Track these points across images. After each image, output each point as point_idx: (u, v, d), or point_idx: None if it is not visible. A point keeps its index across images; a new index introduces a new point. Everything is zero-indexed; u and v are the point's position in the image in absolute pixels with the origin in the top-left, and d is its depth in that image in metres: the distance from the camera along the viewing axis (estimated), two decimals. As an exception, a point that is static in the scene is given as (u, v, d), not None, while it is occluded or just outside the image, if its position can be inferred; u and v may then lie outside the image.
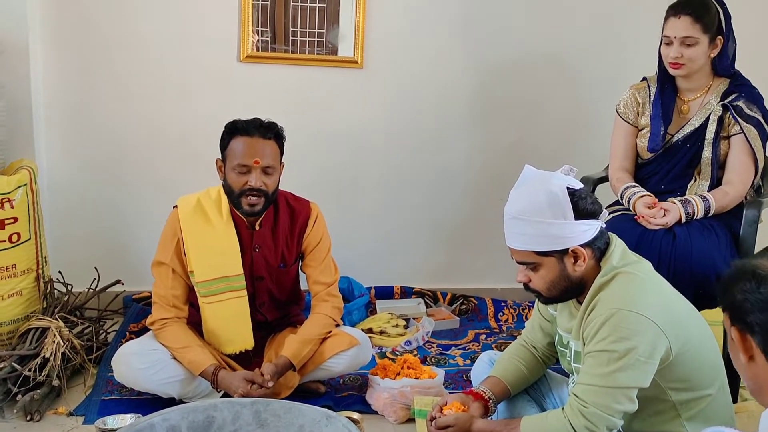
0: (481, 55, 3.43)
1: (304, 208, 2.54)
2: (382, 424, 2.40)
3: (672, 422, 1.82)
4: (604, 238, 1.85)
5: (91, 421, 2.30)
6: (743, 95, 2.59)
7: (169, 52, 3.20)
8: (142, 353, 2.35)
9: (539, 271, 1.85)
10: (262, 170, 2.36)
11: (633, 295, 1.76)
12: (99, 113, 3.21)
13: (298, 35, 3.28)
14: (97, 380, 2.60)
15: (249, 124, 2.39)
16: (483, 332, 3.28)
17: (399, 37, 3.35)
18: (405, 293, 3.51)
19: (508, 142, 3.51)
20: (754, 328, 1.21)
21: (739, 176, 2.59)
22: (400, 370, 2.51)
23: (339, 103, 3.37)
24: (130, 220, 3.31)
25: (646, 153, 2.71)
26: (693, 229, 2.51)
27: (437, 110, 3.45)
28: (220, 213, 2.45)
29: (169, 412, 1.89)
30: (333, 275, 2.57)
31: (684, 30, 2.53)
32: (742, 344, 1.24)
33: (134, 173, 3.28)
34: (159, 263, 2.46)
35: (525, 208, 1.80)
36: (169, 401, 2.32)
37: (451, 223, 3.58)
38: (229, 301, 2.43)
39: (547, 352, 2.13)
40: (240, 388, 2.25)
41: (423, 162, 3.49)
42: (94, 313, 3.02)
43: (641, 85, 2.78)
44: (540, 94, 3.50)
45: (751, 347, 1.23)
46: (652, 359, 1.72)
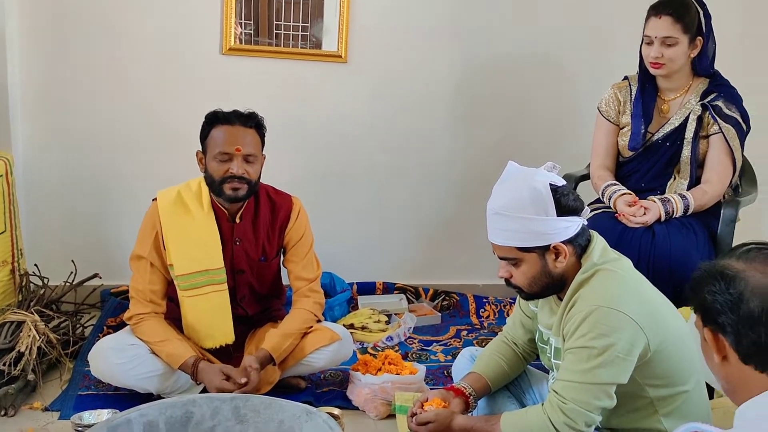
0: (467, 52, 3.43)
1: (285, 202, 2.53)
2: (362, 420, 2.39)
3: (649, 418, 1.84)
4: (585, 235, 1.86)
5: (66, 416, 2.27)
6: (722, 95, 2.61)
7: (150, 43, 3.17)
8: (120, 348, 2.32)
9: (521, 267, 1.85)
10: (244, 158, 2.34)
11: (612, 292, 1.77)
12: (77, 105, 3.17)
13: (282, 28, 3.26)
14: (73, 375, 2.57)
15: (229, 113, 2.38)
16: (464, 328, 3.29)
17: (384, 31, 3.35)
18: (387, 289, 3.51)
19: (492, 140, 3.52)
20: (726, 328, 1.22)
21: (717, 175, 2.62)
22: (381, 365, 2.51)
23: (322, 97, 3.36)
24: (109, 213, 3.28)
25: (627, 151, 2.73)
26: (672, 227, 2.53)
27: (422, 106, 3.45)
28: (200, 205, 2.43)
29: (146, 408, 1.87)
30: (315, 271, 2.56)
31: (664, 30, 2.55)
32: (715, 344, 1.25)
33: (113, 166, 3.24)
34: (137, 257, 2.43)
35: (508, 203, 1.81)
36: (147, 397, 2.30)
37: (434, 219, 3.58)
38: (209, 294, 2.41)
39: (527, 348, 2.14)
40: (215, 381, 2.24)
41: (406, 158, 3.49)
42: (71, 307, 2.99)
43: (623, 84, 2.79)
44: (524, 93, 3.52)
45: (724, 347, 1.24)
46: (631, 356, 1.73)
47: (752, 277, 1.20)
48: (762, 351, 1.20)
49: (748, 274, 1.21)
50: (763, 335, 1.18)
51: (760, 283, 1.20)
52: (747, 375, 1.22)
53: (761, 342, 1.19)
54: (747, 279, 1.21)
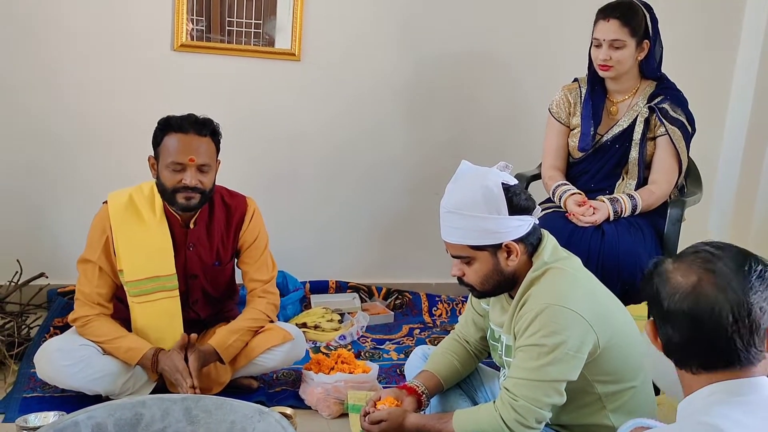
0: (420, 51, 3.45)
1: (240, 204, 2.50)
2: (315, 419, 2.39)
3: (597, 414, 1.87)
4: (536, 234, 1.89)
5: (11, 419, 2.21)
6: (669, 98, 2.68)
7: (100, 39, 3.09)
8: (67, 350, 2.27)
9: (473, 265, 1.87)
10: (198, 168, 2.29)
11: (563, 290, 1.80)
12: (24, 103, 3.07)
13: (235, 25, 3.22)
14: (18, 377, 2.50)
15: (183, 120, 2.30)
16: (417, 327, 3.31)
17: (337, 30, 3.34)
18: (340, 288, 3.50)
19: (444, 138, 3.54)
20: (656, 321, 1.29)
21: (664, 176, 2.68)
22: (334, 364, 2.50)
23: (275, 95, 3.33)
24: (56, 212, 3.19)
25: (577, 152, 2.78)
26: (621, 226, 2.59)
27: (374, 105, 3.45)
28: (153, 211, 2.37)
29: (94, 410, 1.83)
30: (270, 272, 2.54)
31: (612, 33, 2.60)
32: (654, 335, 1.31)
33: (61, 164, 3.16)
34: (85, 260, 2.37)
35: (461, 202, 1.83)
36: (95, 399, 2.25)
37: (387, 217, 3.59)
38: (160, 301, 2.36)
39: (479, 346, 2.16)
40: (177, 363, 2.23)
41: (359, 156, 3.49)
42: (16, 308, 2.91)
43: (573, 85, 2.84)
44: (476, 92, 3.55)
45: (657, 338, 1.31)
46: (581, 353, 1.77)
47: (672, 278, 1.26)
48: (674, 348, 1.26)
49: (671, 273, 1.27)
50: (671, 333, 1.25)
51: (676, 284, 1.25)
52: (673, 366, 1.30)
53: (671, 341, 1.26)
54: (668, 279, 1.26)
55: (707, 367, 1.24)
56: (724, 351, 1.21)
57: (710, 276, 1.23)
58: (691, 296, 1.22)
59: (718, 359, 1.22)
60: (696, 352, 1.24)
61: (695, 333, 1.22)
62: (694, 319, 1.22)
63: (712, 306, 1.21)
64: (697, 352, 1.24)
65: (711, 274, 1.23)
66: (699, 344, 1.22)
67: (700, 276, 1.24)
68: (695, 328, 1.22)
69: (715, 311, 1.20)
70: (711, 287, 1.22)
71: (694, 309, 1.22)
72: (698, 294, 1.22)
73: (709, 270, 1.24)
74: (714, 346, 1.21)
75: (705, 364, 1.24)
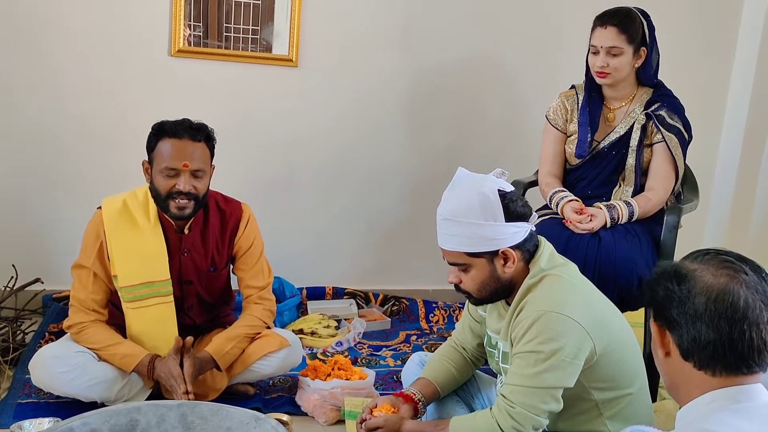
0: (417, 58, 3.45)
1: (235, 210, 2.49)
2: (312, 426, 2.38)
3: (594, 421, 1.87)
4: (533, 240, 1.89)
5: (6, 425, 2.20)
6: (665, 105, 2.68)
7: (97, 44, 3.10)
8: (62, 356, 2.26)
9: (470, 273, 1.87)
10: (192, 174, 2.28)
11: (559, 297, 1.80)
12: (20, 105, 3.07)
13: (232, 31, 3.22)
14: (13, 383, 2.49)
15: (177, 125, 2.29)
16: (414, 333, 3.30)
17: (335, 36, 3.34)
18: (337, 294, 3.50)
19: (441, 145, 3.54)
20: (672, 324, 1.28)
21: (660, 183, 2.69)
22: (330, 371, 2.50)
23: (273, 101, 3.34)
24: (52, 217, 3.19)
25: (574, 159, 2.78)
26: (617, 233, 2.59)
27: (372, 111, 3.46)
28: (147, 216, 2.36)
29: (89, 416, 1.82)
30: (266, 278, 2.53)
31: (610, 40, 2.61)
32: (660, 340, 1.31)
33: (55, 168, 3.16)
34: (80, 266, 2.36)
35: (457, 209, 1.82)
36: (91, 405, 2.24)
37: (384, 224, 3.59)
38: (154, 306, 2.35)
39: (476, 353, 2.16)
40: (172, 368, 2.22)
41: (356, 163, 3.49)
42: (11, 313, 2.90)
43: (570, 92, 2.85)
44: (473, 98, 3.55)
45: (668, 343, 1.30)
46: (578, 360, 1.76)
47: (702, 277, 1.26)
48: (701, 348, 1.25)
49: (699, 273, 1.27)
50: (704, 332, 1.23)
51: (708, 283, 1.25)
52: (686, 372, 1.28)
53: (701, 339, 1.24)
54: (697, 278, 1.26)
55: (729, 368, 1.23)
56: (755, 351, 1.21)
57: (741, 277, 1.25)
58: (729, 295, 1.22)
59: (743, 361, 1.22)
60: (724, 352, 1.23)
61: (731, 331, 1.21)
62: (732, 317, 1.22)
63: (749, 305, 1.22)
64: (725, 352, 1.22)
65: (741, 276, 1.25)
66: (732, 343, 1.22)
67: (731, 277, 1.25)
68: (731, 326, 1.21)
69: (752, 310, 1.21)
70: (745, 288, 1.23)
71: (734, 306, 1.22)
72: (736, 293, 1.23)
73: (737, 272, 1.25)
74: (748, 346, 1.22)
75: (729, 365, 1.23)
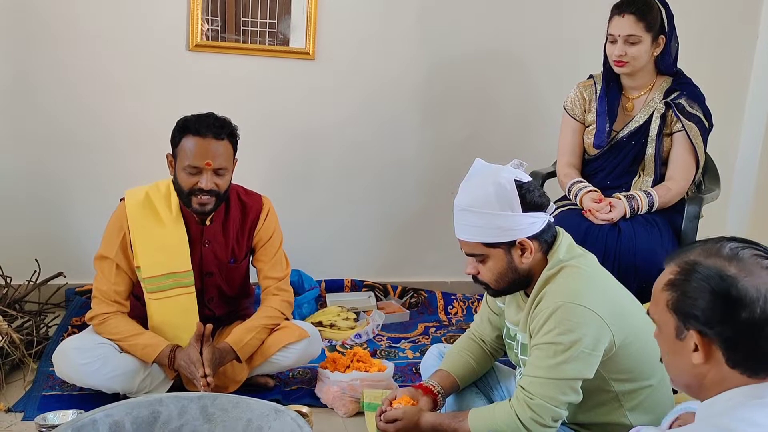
0: (434, 50, 3.44)
1: (255, 203, 2.51)
2: (331, 418, 2.39)
3: (615, 413, 1.86)
4: (551, 231, 1.88)
5: (30, 417, 2.23)
6: (685, 93, 2.65)
7: (115, 39, 3.12)
8: (85, 348, 2.29)
9: (487, 263, 1.87)
10: (214, 172, 2.30)
11: (578, 288, 1.79)
12: (40, 102, 3.10)
13: (249, 25, 3.23)
14: (37, 375, 2.53)
15: (201, 122, 2.29)
16: (433, 325, 3.30)
17: (352, 29, 3.34)
18: (355, 286, 3.51)
19: (459, 137, 3.53)
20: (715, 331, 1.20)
21: (680, 173, 2.66)
22: (349, 363, 2.51)
23: (290, 94, 3.34)
24: (73, 211, 3.22)
25: (593, 149, 2.77)
26: (637, 224, 2.57)
27: (389, 104, 3.45)
28: (169, 208, 2.39)
29: (112, 408, 1.85)
30: (284, 270, 2.55)
31: (628, 28, 2.58)
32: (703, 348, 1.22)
33: (77, 163, 3.19)
34: (102, 257, 2.39)
35: (474, 200, 1.82)
36: (113, 397, 2.27)
37: (402, 216, 3.58)
38: (176, 297, 2.38)
39: (495, 344, 2.15)
40: (192, 355, 2.24)
41: (374, 155, 3.49)
42: (35, 307, 2.94)
43: (588, 82, 2.82)
44: (492, 90, 3.53)
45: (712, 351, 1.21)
46: (597, 351, 1.75)
47: (750, 284, 1.17)
48: (757, 358, 1.18)
49: (745, 279, 1.18)
50: (762, 343, 1.16)
51: (759, 288, 1.16)
52: (728, 376, 1.20)
53: (758, 350, 1.17)
54: (746, 286, 1.17)
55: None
56: None
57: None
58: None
59: None
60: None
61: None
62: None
63: None
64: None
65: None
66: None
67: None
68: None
69: None
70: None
71: None
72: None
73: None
74: None
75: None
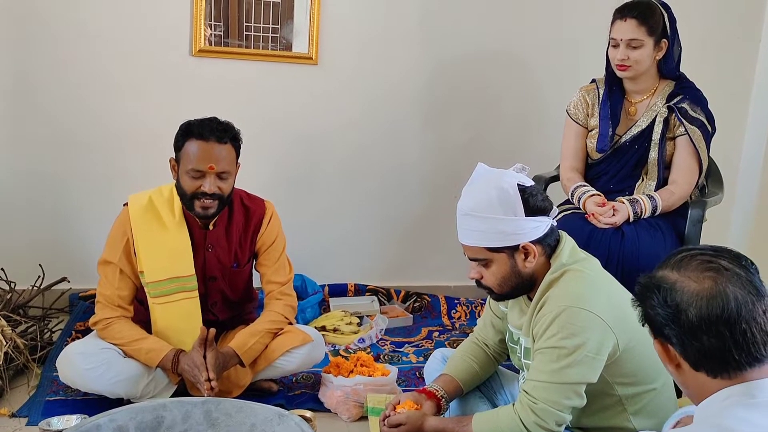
0: (437, 54, 3.44)
1: (258, 208, 2.51)
2: (335, 423, 2.39)
3: (618, 416, 1.86)
4: (554, 235, 1.88)
5: (35, 422, 2.24)
6: (688, 97, 2.65)
7: (119, 45, 3.13)
8: (88, 353, 2.29)
9: (491, 268, 1.87)
10: (217, 175, 2.30)
11: (581, 292, 1.79)
12: (43, 107, 3.12)
13: (252, 30, 3.24)
14: (41, 380, 2.53)
15: (204, 126, 2.31)
16: (436, 329, 3.30)
17: (354, 33, 3.35)
18: (359, 291, 3.51)
19: (461, 141, 3.53)
20: (672, 339, 1.25)
21: (684, 176, 2.66)
22: (353, 367, 2.51)
23: (293, 99, 3.35)
24: (76, 216, 3.23)
25: (596, 153, 2.77)
26: (640, 227, 2.57)
27: (392, 108, 3.46)
28: (172, 213, 2.39)
29: (116, 413, 1.85)
30: (287, 274, 2.55)
31: (630, 32, 2.59)
32: (665, 355, 1.28)
33: (80, 168, 3.20)
34: (106, 262, 2.40)
35: (476, 204, 1.82)
36: (117, 402, 2.27)
37: (405, 220, 3.59)
38: (180, 302, 2.39)
39: (498, 349, 2.15)
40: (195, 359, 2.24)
41: (376, 160, 3.49)
42: (39, 312, 2.95)
43: (590, 86, 2.83)
44: (494, 93, 3.54)
45: (675, 356, 1.27)
46: (600, 355, 1.75)
47: (686, 287, 1.22)
48: (708, 357, 1.21)
49: (682, 284, 1.23)
50: (706, 342, 1.20)
51: (694, 292, 1.21)
52: (701, 381, 1.25)
53: (705, 349, 1.21)
54: (682, 289, 1.23)
55: (742, 367, 1.20)
56: (760, 345, 1.18)
57: (724, 275, 1.21)
58: (719, 298, 1.19)
59: (752, 357, 1.19)
60: (731, 355, 1.19)
61: (732, 333, 1.18)
62: (728, 320, 1.18)
63: (741, 302, 1.19)
64: (732, 355, 1.19)
65: (723, 273, 1.21)
66: (736, 344, 1.18)
67: (713, 278, 1.21)
68: (731, 329, 1.18)
69: (745, 306, 1.18)
70: (731, 285, 1.20)
71: (727, 308, 1.18)
72: (725, 294, 1.19)
73: (719, 271, 1.22)
74: (752, 343, 1.18)
75: (741, 365, 1.20)
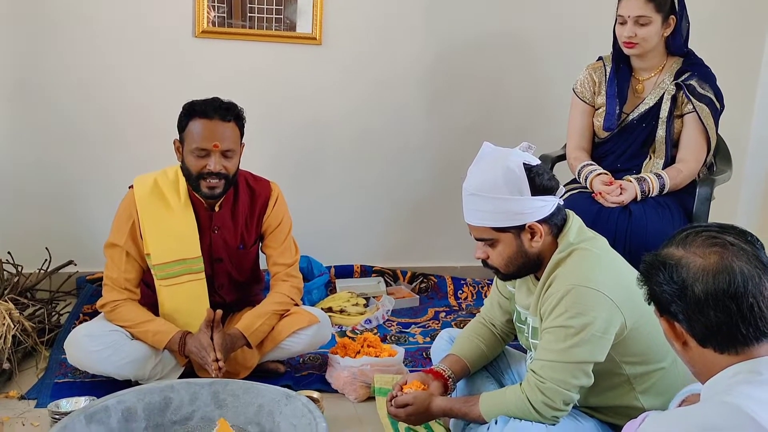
0: (441, 34, 3.41)
1: (264, 189, 2.51)
2: (342, 403, 2.40)
3: (626, 396, 1.86)
4: (561, 214, 1.87)
5: (43, 404, 2.25)
6: (696, 74, 2.63)
7: (122, 27, 3.11)
8: (96, 335, 2.30)
9: (497, 248, 1.86)
10: (222, 154, 2.30)
11: (589, 271, 1.78)
12: (47, 89, 3.11)
13: (255, 11, 3.21)
14: (49, 363, 2.54)
15: (208, 105, 2.31)
16: (442, 310, 3.30)
17: (358, 13, 3.32)
18: (365, 272, 3.51)
19: (467, 121, 3.51)
20: (678, 316, 1.25)
21: (692, 154, 2.64)
22: (360, 348, 2.51)
23: (297, 80, 3.33)
24: (83, 199, 3.23)
25: (603, 132, 2.75)
26: (648, 206, 2.55)
27: (397, 88, 3.43)
28: (177, 195, 2.39)
29: (124, 394, 1.86)
30: (293, 256, 2.55)
31: (637, 9, 2.55)
32: (672, 332, 1.28)
33: (86, 151, 3.19)
34: (112, 245, 2.39)
35: (482, 184, 1.81)
36: (125, 384, 2.28)
37: (411, 201, 3.58)
38: (186, 284, 2.39)
39: (505, 329, 2.15)
40: (203, 340, 2.24)
41: (382, 140, 3.47)
42: (46, 295, 2.96)
43: (597, 64, 2.80)
44: (499, 74, 3.51)
45: (681, 334, 1.27)
46: (608, 334, 1.75)
47: (692, 262, 1.23)
48: (716, 332, 1.22)
49: (687, 260, 1.24)
50: (713, 317, 1.21)
51: (700, 267, 1.22)
52: (708, 358, 1.25)
53: (712, 324, 1.21)
54: (687, 265, 1.23)
55: (749, 342, 1.20)
56: (766, 320, 1.19)
57: (730, 249, 1.21)
58: (725, 272, 1.19)
59: (759, 332, 1.19)
60: (739, 330, 1.19)
61: (739, 307, 1.19)
62: (735, 294, 1.19)
63: (747, 277, 1.19)
64: (740, 329, 1.19)
65: (729, 248, 1.22)
66: (743, 318, 1.19)
67: (719, 253, 1.22)
68: (738, 303, 1.19)
69: (752, 280, 1.19)
70: (737, 260, 1.20)
71: (734, 282, 1.19)
72: (731, 268, 1.20)
73: (725, 246, 1.22)
74: (759, 317, 1.19)
75: (749, 339, 1.20)
